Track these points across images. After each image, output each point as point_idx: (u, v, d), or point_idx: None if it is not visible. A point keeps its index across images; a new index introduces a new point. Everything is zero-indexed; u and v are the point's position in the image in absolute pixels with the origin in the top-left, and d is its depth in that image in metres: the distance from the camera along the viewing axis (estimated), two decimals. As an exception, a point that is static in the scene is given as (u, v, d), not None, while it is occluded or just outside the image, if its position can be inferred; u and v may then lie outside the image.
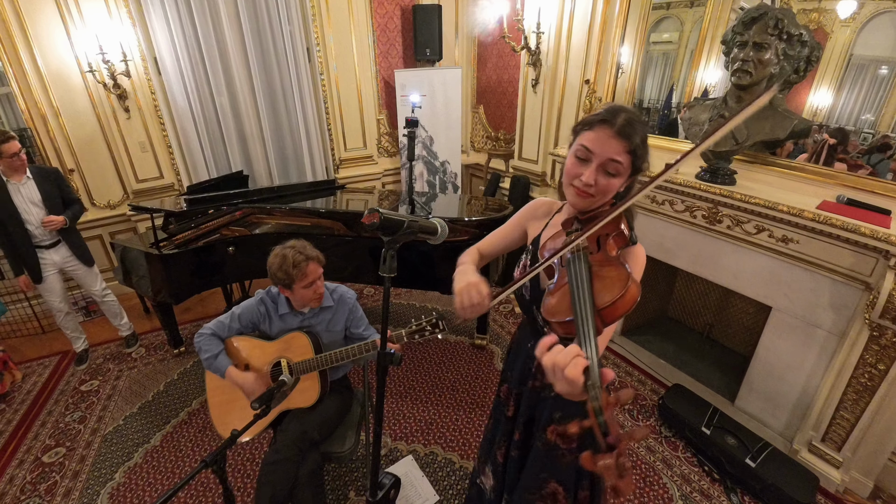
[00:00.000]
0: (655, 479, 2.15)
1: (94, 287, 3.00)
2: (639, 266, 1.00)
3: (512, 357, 1.38)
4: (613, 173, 0.95)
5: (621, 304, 0.76)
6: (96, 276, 3.01)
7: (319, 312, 1.87)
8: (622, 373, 2.84)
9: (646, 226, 2.66)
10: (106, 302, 3.09)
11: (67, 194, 2.81)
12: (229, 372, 1.74)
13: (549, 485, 1.20)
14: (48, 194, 2.67)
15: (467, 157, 4.86)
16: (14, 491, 2.18)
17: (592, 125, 0.95)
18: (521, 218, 1.25)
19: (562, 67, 3.16)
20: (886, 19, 1.84)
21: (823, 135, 2.05)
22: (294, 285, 1.72)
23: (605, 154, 0.94)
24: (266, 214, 2.99)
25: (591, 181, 0.94)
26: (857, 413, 1.95)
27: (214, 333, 1.79)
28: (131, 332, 3.26)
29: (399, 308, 3.60)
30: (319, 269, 1.78)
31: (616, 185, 0.97)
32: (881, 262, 1.76)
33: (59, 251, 2.78)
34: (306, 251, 1.74)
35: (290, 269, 1.68)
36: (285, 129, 3.99)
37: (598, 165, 0.95)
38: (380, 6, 4.10)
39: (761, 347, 2.30)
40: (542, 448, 1.20)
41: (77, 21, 3.09)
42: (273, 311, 1.85)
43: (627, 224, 0.95)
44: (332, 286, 1.92)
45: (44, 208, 2.66)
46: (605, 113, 0.95)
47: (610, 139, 0.93)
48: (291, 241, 1.78)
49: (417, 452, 2.30)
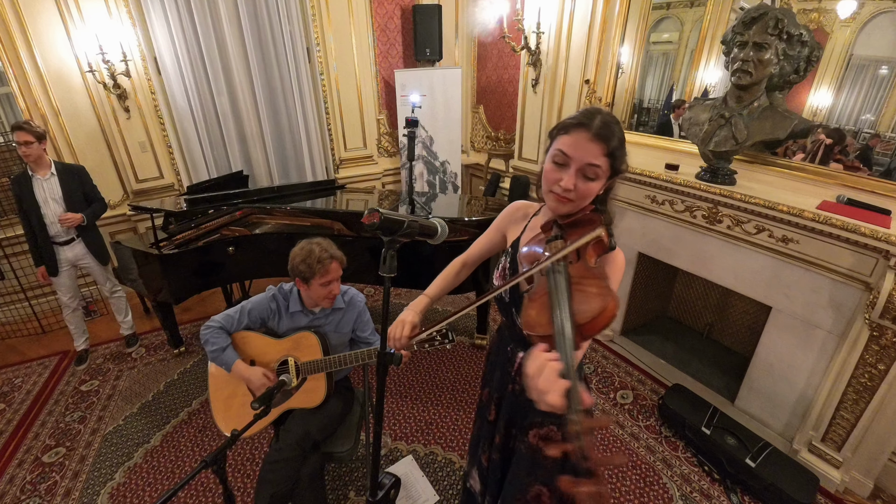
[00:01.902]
0: (655, 479, 2.15)
1: (105, 284, 3.04)
2: (617, 272, 1.00)
3: (492, 361, 1.37)
4: (592, 177, 0.95)
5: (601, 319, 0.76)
6: (109, 275, 3.05)
7: (330, 313, 1.86)
8: (622, 373, 2.84)
9: (646, 226, 2.66)
10: (115, 298, 3.12)
11: (91, 192, 2.84)
12: (237, 366, 1.73)
13: (533, 487, 1.20)
14: (70, 191, 2.71)
15: (467, 157, 4.86)
16: (14, 491, 2.18)
17: (569, 129, 0.95)
18: (499, 223, 1.27)
19: (562, 67, 3.16)
20: (886, 19, 1.84)
21: (819, 135, 2.05)
22: (313, 280, 1.72)
23: (583, 159, 0.93)
24: (266, 214, 2.99)
25: (570, 186, 0.94)
26: (857, 413, 1.95)
27: (222, 327, 1.78)
28: (132, 332, 3.27)
29: (399, 308, 3.60)
30: (340, 271, 1.78)
31: (595, 188, 0.96)
32: (881, 262, 1.76)
33: (73, 248, 2.81)
34: (332, 250, 1.75)
35: (314, 264, 1.69)
36: (285, 129, 3.99)
37: (576, 170, 0.94)
38: (380, 6, 4.10)
39: (761, 347, 2.30)
40: (525, 451, 1.21)
41: (77, 21, 3.09)
42: (284, 308, 1.85)
43: (607, 231, 0.93)
44: (344, 288, 1.92)
45: (63, 205, 2.70)
46: (582, 116, 0.95)
47: (587, 143, 0.92)
48: (318, 237, 1.79)
49: (417, 452, 2.30)
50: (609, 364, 2.92)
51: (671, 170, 2.41)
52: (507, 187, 3.91)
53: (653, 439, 2.37)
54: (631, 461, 2.24)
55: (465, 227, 2.67)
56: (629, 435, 2.39)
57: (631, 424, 2.46)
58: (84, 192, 2.79)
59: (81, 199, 2.77)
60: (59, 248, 2.78)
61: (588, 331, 0.76)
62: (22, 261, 3.39)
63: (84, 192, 2.79)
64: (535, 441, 1.19)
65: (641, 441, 2.36)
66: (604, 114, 0.95)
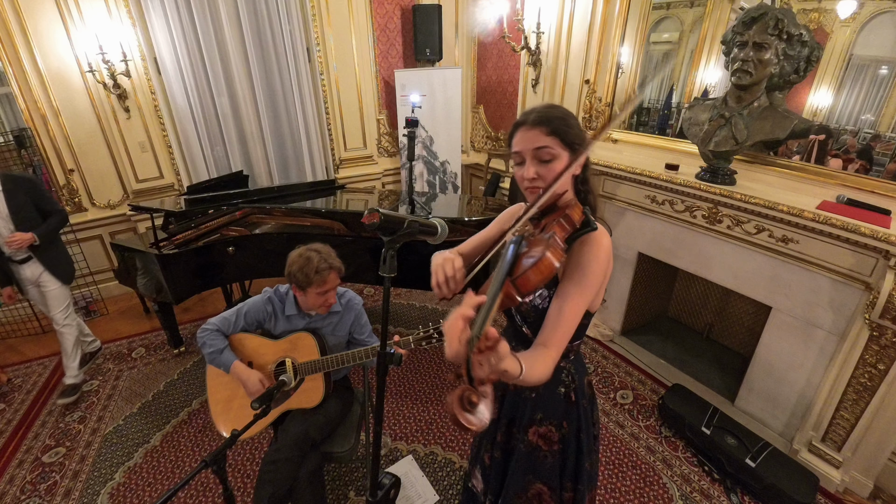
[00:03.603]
0: (655, 479, 2.15)
1: (55, 311, 2.63)
2: (597, 252, 0.96)
3: None
4: (548, 159, 0.97)
5: (535, 273, 0.80)
6: (63, 300, 2.66)
7: (327, 316, 1.86)
8: (622, 373, 2.84)
9: (646, 226, 2.66)
10: (62, 333, 2.67)
11: (46, 205, 2.50)
12: (235, 367, 1.73)
13: (534, 486, 1.21)
14: (18, 207, 2.38)
15: (467, 157, 4.86)
16: (14, 491, 2.18)
17: (513, 132, 1.01)
18: (500, 223, 1.29)
19: (562, 67, 3.16)
20: (886, 19, 1.84)
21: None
22: (309, 289, 1.72)
23: (530, 146, 0.97)
24: (266, 214, 2.99)
25: (532, 175, 0.98)
26: (857, 413, 1.95)
27: (219, 329, 1.79)
28: (77, 382, 2.74)
29: (399, 308, 3.60)
30: (338, 280, 1.77)
31: (559, 167, 0.97)
32: (881, 262, 1.76)
33: (30, 267, 2.53)
34: (331, 259, 1.73)
35: (312, 274, 1.68)
36: (285, 129, 3.99)
37: (530, 160, 0.98)
38: (380, 6, 4.10)
39: (761, 347, 2.30)
40: (525, 449, 1.21)
41: (77, 21, 3.09)
42: (280, 310, 1.85)
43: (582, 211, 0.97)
44: (342, 291, 1.91)
45: (11, 223, 2.38)
46: (521, 116, 1.02)
47: (527, 132, 0.98)
48: (317, 244, 1.77)
49: (417, 452, 2.30)
50: (609, 364, 2.92)
51: (671, 170, 2.41)
52: (507, 187, 3.91)
53: (653, 439, 2.36)
54: (631, 461, 2.24)
55: (466, 227, 2.67)
56: (629, 435, 2.39)
57: (631, 424, 2.46)
58: (37, 206, 2.46)
59: (33, 214, 2.44)
60: (17, 266, 2.51)
61: (522, 285, 0.80)
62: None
63: (37, 205, 2.45)
64: (535, 439, 1.19)
65: (641, 441, 2.36)
66: (542, 107, 1.00)
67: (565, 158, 0.97)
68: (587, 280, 0.95)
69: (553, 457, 1.19)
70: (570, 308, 0.94)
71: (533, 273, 0.80)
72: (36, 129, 3.26)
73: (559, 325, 0.94)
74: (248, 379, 1.73)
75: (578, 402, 1.19)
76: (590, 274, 0.95)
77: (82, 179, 3.53)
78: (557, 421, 1.18)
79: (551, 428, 1.18)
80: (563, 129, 0.96)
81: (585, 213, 0.98)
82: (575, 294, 0.95)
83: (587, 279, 0.95)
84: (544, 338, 0.94)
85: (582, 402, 1.19)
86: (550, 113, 0.98)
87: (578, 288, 0.95)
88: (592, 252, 0.96)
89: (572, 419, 1.18)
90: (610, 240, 1.00)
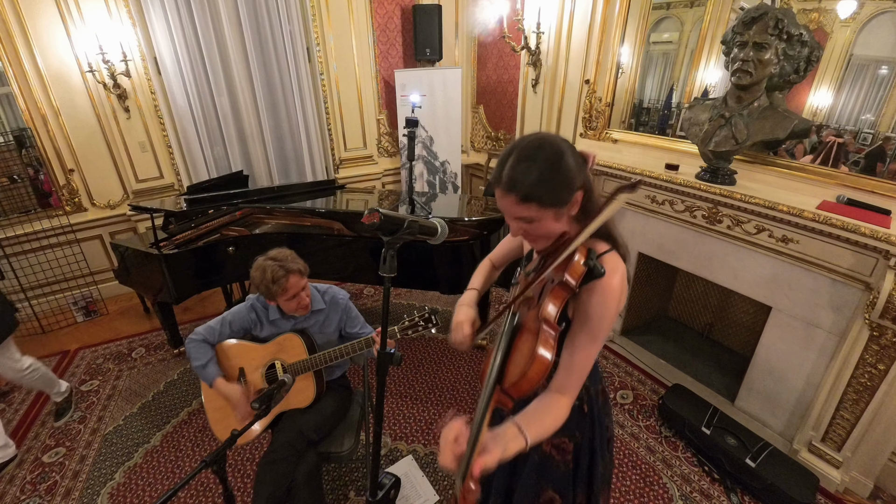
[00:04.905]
0: (655, 479, 2.15)
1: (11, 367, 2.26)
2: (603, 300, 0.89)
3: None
4: (531, 220, 0.89)
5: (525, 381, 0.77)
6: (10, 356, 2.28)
7: (311, 315, 1.86)
8: (622, 373, 2.84)
9: (646, 226, 2.66)
10: (28, 378, 2.36)
11: None
12: (217, 383, 1.75)
13: (545, 493, 1.21)
14: None
15: (467, 157, 4.86)
16: (14, 491, 2.18)
17: (492, 187, 0.92)
18: None
19: (562, 67, 3.16)
20: (886, 19, 1.84)
21: (827, 136, 2.04)
22: (277, 299, 1.72)
23: (510, 214, 0.91)
24: (266, 214, 2.99)
25: (518, 234, 0.94)
26: (857, 413, 1.95)
27: (205, 339, 1.79)
28: (66, 393, 2.61)
29: (399, 308, 3.60)
30: (302, 281, 1.74)
31: (546, 225, 0.90)
32: (881, 262, 1.76)
33: None
34: (286, 264, 1.68)
35: (271, 285, 1.66)
36: (285, 129, 3.99)
37: (512, 220, 0.92)
38: (380, 6, 4.10)
39: (761, 347, 2.30)
40: (539, 460, 1.21)
41: (77, 21, 3.09)
42: (264, 316, 1.85)
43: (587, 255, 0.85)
44: (324, 288, 1.90)
45: None
46: (497, 165, 0.90)
47: (504, 198, 0.88)
48: (274, 250, 1.73)
49: (417, 452, 2.30)
50: (609, 364, 2.92)
51: (671, 170, 2.41)
52: (507, 187, 3.91)
53: (653, 439, 2.36)
54: (631, 461, 2.24)
55: (465, 227, 2.67)
56: (629, 435, 2.39)
57: (631, 424, 2.46)
58: None
59: None
60: None
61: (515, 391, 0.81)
62: (22, 261, 3.39)
63: None
64: (549, 450, 1.19)
65: (641, 441, 2.36)
66: (518, 149, 0.86)
67: (550, 215, 0.88)
68: (598, 329, 0.91)
69: (566, 465, 1.19)
70: (582, 357, 0.93)
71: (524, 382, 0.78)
72: (36, 130, 3.26)
73: (572, 372, 0.93)
74: (230, 394, 1.74)
75: (592, 412, 1.18)
76: (600, 322, 0.91)
77: (82, 179, 3.53)
78: (570, 432, 1.17)
79: (564, 439, 1.17)
80: (538, 194, 0.85)
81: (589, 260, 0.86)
82: (586, 343, 0.92)
83: (598, 328, 0.91)
84: (558, 384, 0.93)
85: (595, 410, 1.19)
86: (524, 174, 0.84)
87: (589, 337, 0.92)
88: (601, 302, 0.89)
89: (585, 428, 1.18)
90: (623, 271, 0.92)
